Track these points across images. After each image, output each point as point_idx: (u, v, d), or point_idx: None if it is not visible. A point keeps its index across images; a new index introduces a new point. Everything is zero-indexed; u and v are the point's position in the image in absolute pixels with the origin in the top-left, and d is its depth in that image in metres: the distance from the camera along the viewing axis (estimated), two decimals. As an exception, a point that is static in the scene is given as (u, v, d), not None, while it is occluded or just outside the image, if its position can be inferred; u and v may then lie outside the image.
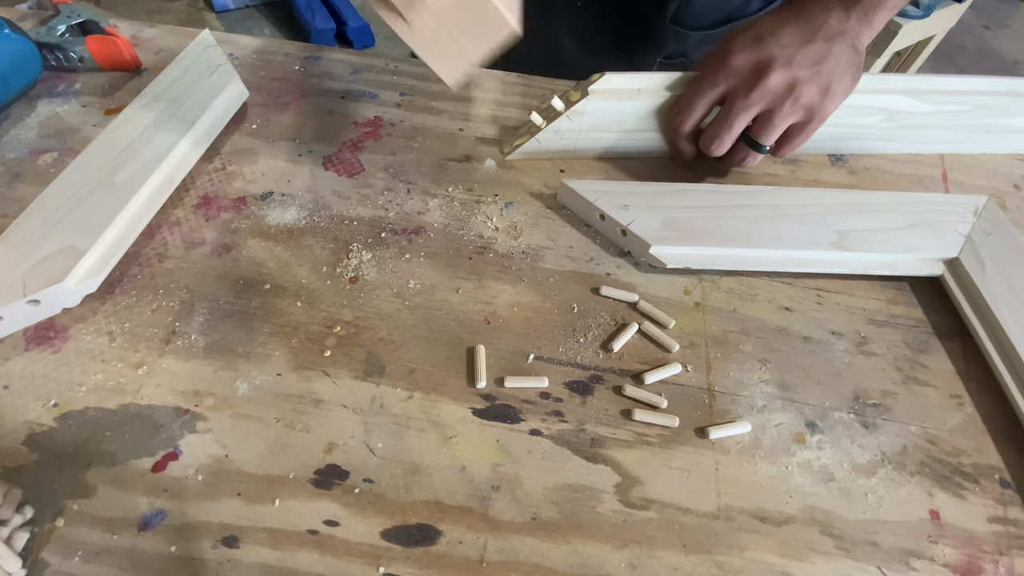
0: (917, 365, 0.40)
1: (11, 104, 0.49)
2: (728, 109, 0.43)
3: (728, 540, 0.33)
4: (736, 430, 0.36)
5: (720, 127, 0.44)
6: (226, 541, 0.31)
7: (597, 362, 0.39)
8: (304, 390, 0.36)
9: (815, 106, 0.42)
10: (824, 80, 0.41)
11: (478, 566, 0.31)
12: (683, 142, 0.47)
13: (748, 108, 0.42)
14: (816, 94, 0.41)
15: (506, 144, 0.50)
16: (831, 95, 0.42)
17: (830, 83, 0.41)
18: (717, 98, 0.44)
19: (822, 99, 0.42)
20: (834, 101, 0.42)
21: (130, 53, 0.53)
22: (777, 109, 0.42)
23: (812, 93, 0.41)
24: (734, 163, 0.47)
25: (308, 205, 0.45)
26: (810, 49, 0.41)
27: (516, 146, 0.49)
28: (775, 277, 0.44)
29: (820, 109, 0.42)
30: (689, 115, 0.45)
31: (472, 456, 0.35)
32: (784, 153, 0.46)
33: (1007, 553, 0.33)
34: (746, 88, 0.42)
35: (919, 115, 0.51)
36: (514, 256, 0.44)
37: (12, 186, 0.45)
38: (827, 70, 0.41)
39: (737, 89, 0.42)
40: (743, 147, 0.45)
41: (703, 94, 0.44)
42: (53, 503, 0.31)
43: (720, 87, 0.43)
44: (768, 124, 0.43)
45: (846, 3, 0.43)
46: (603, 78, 0.45)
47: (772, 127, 0.43)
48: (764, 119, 0.43)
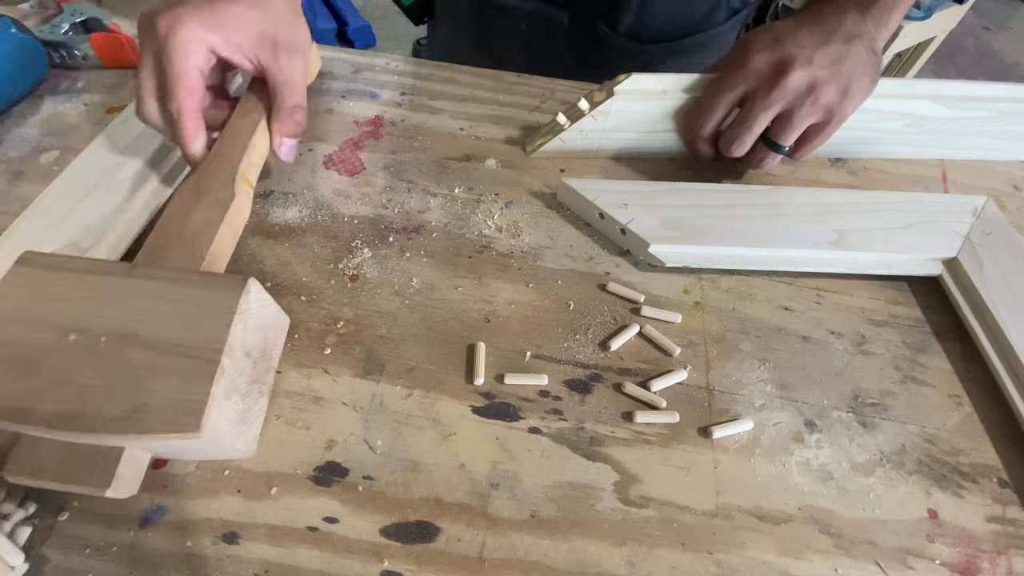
0: (916, 365, 0.41)
1: (16, 103, 0.50)
2: (748, 109, 0.43)
3: (727, 538, 0.33)
4: (738, 428, 0.36)
5: (740, 127, 0.44)
6: (226, 537, 0.31)
7: (597, 360, 0.39)
8: (304, 387, 0.36)
9: (834, 106, 0.42)
10: (843, 80, 0.41)
11: (477, 563, 0.31)
12: (702, 144, 0.47)
13: (768, 108, 0.42)
14: (835, 94, 0.41)
15: (529, 143, 0.51)
16: (850, 96, 0.42)
17: (849, 83, 0.41)
18: (736, 100, 0.44)
19: (841, 99, 0.42)
20: (853, 102, 0.42)
21: (134, 51, 0.53)
22: (797, 109, 0.42)
23: (831, 93, 0.41)
24: (752, 164, 0.47)
25: (309, 204, 0.46)
26: (828, 50, 0.41)
27: (539, 145, 0.49)
28: (774, 277, 0.44)
29: (839, 110, 0.42)
30: (709, 117, 0.45)
31: (471, 454, 0.35)
32: (803, 154, 0.46)
33: (1005, 552, 0.33)
34: (766, 88, 0.42)
35: (944, 120, 0.51)
36: (514, 255, 0.44)
37: (14, 184, 0.45)
38: (846, 70, 0.41)
39: (757, 89, 0.42)
40: (762, 148, 0.45)
41: (722, 96, 0.44)
42: (55, 499, 0.32)
43: (739, 88, 0.43)
44: (788, 124, 0.43)
45: (861, 6, 0.43)
46: (629, 79, 0.45)
47: (791, 127, 0.43)
48: (783, 119, 0.43)
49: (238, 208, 0.39)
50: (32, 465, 0.28)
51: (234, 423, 0.30)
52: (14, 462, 0.28)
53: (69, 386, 0.27)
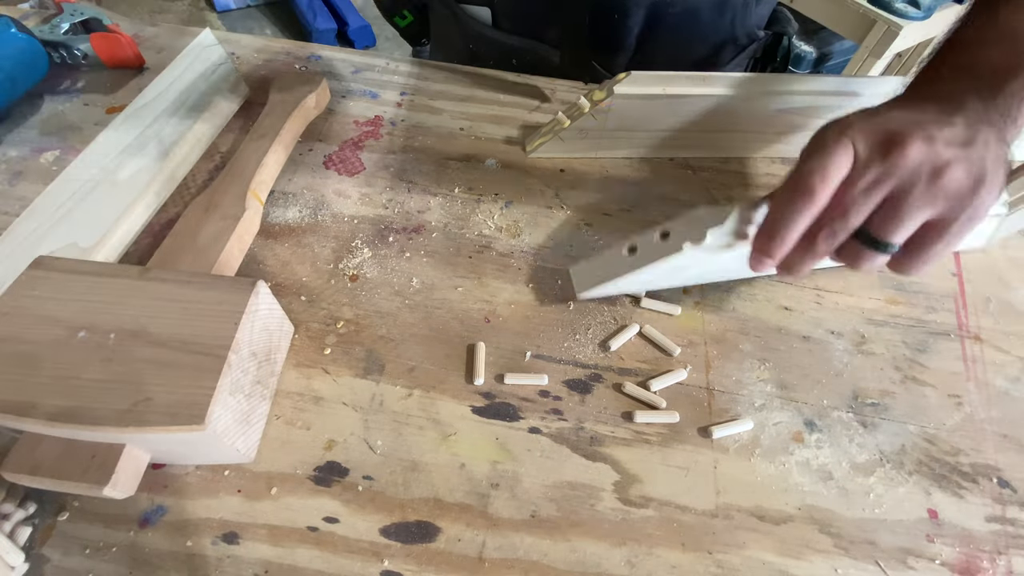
0: (916, 365, 0.40)
1: (16, 103, 0.50)
2: (843, 190, 0.31)
3: (726, 538, 0.33)
4: (738, 428, 0.36)
5: (831, 217, 0.31)
6: (226, 537, 0.31)
7: (597, 360, 0.39)
8: (304, 387, 0.36)
9: (964, 197, 0.29)
10: (977, 167, 0.29)
11: (477, 563, 0.31)
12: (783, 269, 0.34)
13: (871, 189, 0.30)
14: (966, 179, 0.29)
15: (529, 143, 0.51)
16: (988, 186, 0.29)
17: (984, 171, 0.29)
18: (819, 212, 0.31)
19: (976, 188, 0.29)
20: (991, 194, 0.30)
21: (133, 50, 0.53)
22: (910, 193, 0.30)
23: (961, 178, 0.29)
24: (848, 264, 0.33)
25: (309, 204, 0.46)
26: (953, 130, 0.30)
27: (539, 144, 0.49)
28: (774, 277, 0.44)
29: (972, 202, 0.30)
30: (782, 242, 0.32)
31: (471, 454, 0.35)
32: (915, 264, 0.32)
33: (1005, 552, 0.33)
34: (868, 164, 0.30)
35: None
36: (514, 255, 0.44)
37: (14, 184, 0.45)
38: (977, 154, 0.29)
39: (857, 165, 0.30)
40: (858, 245, 0.32)
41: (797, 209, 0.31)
42: (55, 499, 0.32)
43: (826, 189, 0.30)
44: (895, 213, 0.30)
45: (982, 92, 0.32)
46: (629, 78, 0.45)
47: (900, 218, 0.30)
48: (890, 207, 0.30)
49: (248, 223, 0.41)
50: (31, 463, 0.28)
51: (236, 422, 0.30)
52: (13, 460, 0.28)
53: (73, 381, 0.27)
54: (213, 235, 0.39)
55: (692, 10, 0.55)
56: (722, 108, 0.47)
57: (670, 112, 0.47)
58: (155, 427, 0.26)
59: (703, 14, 0.56)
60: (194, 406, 0.27)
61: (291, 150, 0.48)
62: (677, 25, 0.56)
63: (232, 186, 0.42)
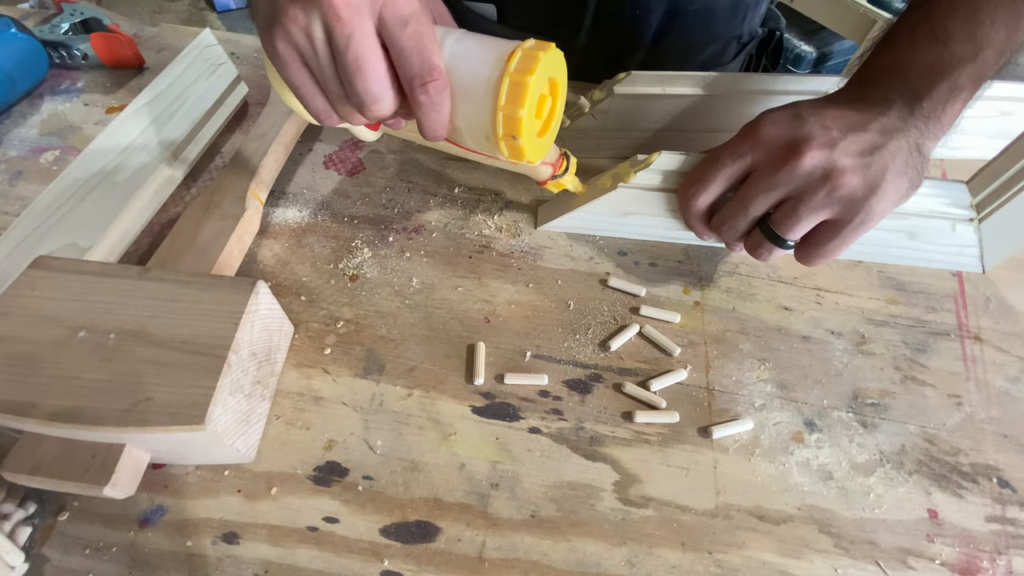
0: (916, 365, 0.40)
1: (16, 103, 0.50)
2: (747, 186, 0.35)
3: (726, 538, 0.33)
4: (738, 428, 0.36)
5: (735, 207, 0.36)
6: (226, 537, 0.31)
7: (597, 360, 0.39)
8: (304, 387, 0.36)
9: (857, 202, 0.33)
10: (873, 175, 0.32)
11: (477, 563, 0.31)
12: (696, 221, 0.39)
13: (770, 189, 0.34)
14: (860, 187, 0.32)
15: None
16: (880, 194, 0.33)
17: (880, 180, 0.32)
18: (740, 173, 0.36)
19: (867, 196, 0.33)
20: (883, 202, 0.33)
21: (133, 50, 0.53)
22: (806, 197, 0.33)
23: (854, 185, 0.32)
24: (751, 253, 0.38)
25: (309, 203, 0.46)
26: (860, 138, 0.33)
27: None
28: (774, 277, 0.44)
29: (864, 208, 0.33)
30: (703, 188, 0.37)
31: (471, 454, 0.35)
32: (815, 258, 0.36)
33: (1005, 552, 0.33)
34: (772, 165, 0.34)
35: None
36: (514, 255, 0.44)
37: (14, 184, 0.45)
38: (878, 164, 0.32)
39: (761, 165, 0.35)
40: (760, 237, 0.37)
41: (722, 165, 0.36)
42: (55, 499, 0.32)
43: (744, 159, 0.36)
44: (792, 213, 0.34)
45: (909, 98, 0.34)
46: (629, 78, 0.45)
47: (796, 217, 0.34)
48: (788, 207, 0.34)
49: (248, 222, 0.41)
50: (31, 463, 0.28)
51: (236, 422, 0.30)
52: (13, 460, 0.28)
53: (73, 381, 0.27)
54: (213, 235, 0.39)
55: (710, 7, 0.56)
56: (722, 108, 0.47)
57: (670, 112, 0.48)
58: (155, 427, 0.26)
59: (720, 12, 0.57)
60: (194, 406, 0.27)
61: (291, 150, 0.48)
62: (693, 24, 0.57)
63: (232, 186, 0.42)
